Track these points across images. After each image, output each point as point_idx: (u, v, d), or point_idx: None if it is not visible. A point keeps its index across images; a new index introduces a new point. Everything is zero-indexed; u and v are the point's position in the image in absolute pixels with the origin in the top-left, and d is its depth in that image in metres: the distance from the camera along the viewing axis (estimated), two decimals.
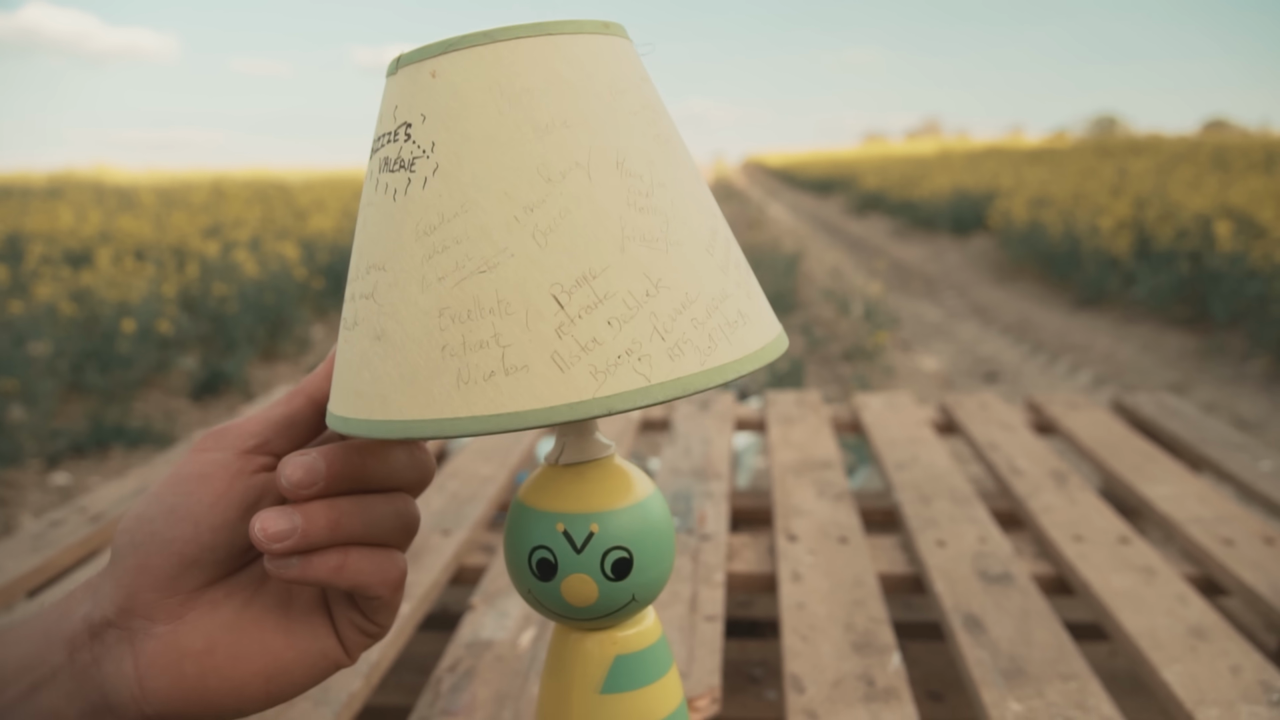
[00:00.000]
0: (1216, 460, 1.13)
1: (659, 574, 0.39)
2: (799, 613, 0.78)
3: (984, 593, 0.80)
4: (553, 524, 0.38)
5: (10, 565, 0.92)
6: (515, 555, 0.39)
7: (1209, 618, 0.74)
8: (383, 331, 0.34)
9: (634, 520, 0.38)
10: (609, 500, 0.39)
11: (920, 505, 1.00)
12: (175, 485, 0.35)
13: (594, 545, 0.38)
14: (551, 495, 0.39)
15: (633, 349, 0.33)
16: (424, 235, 0.34)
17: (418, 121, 0.35)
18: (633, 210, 0.35)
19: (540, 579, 0.38)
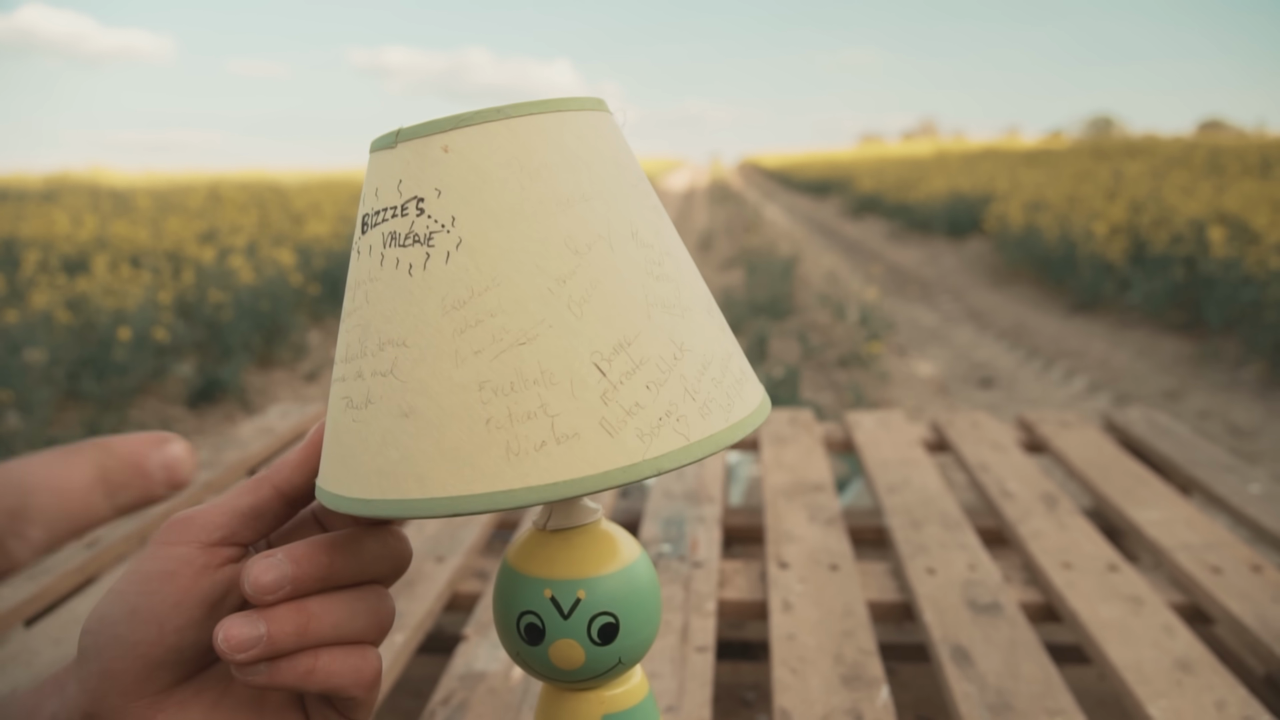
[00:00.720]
0: (1206, 482, 1.14)
1: (645, 637, 0.40)
2: (789, 644, 0.79)
3: (972, 623, 0.81)
4: (540, 590, 0.39)
5: (6, 593, 0.92)
6: (504, 619, 0.40)
7: (1195, 650, 0.75)
8: (411, 408, 0.34)
9: (620, 585, 0.39)
10: (596, 566, 0.39)
11: (911, 530, 1.01)
12: (138, 583, 0.33)
13: (581, 611, 0.38)
14: (539, 561, 0.40)
15: (670, 410, 0.34)
16: (453, 310, 0.34)
17: (432, 196, 0.35)
18: (651, 279, 0.36)
19: (528, 643, 0.39)
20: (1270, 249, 4.54)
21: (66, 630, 0.85)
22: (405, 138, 0.36)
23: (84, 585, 1.01)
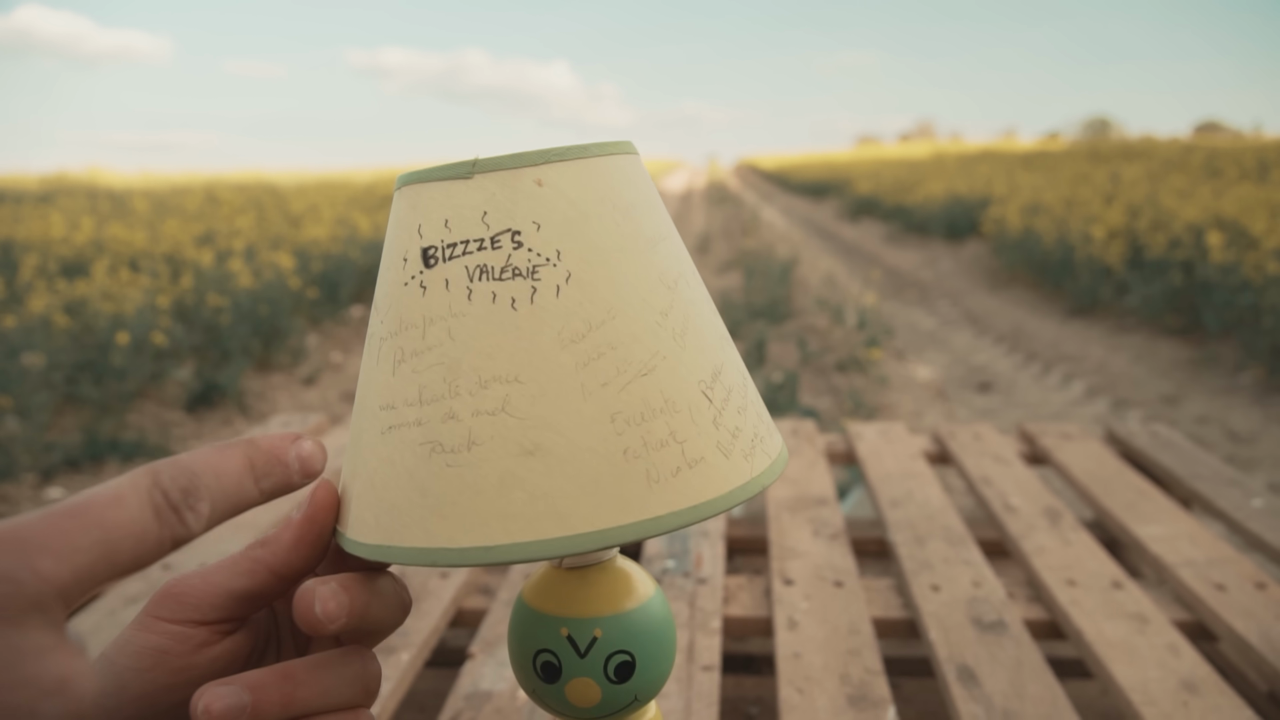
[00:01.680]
0: (1208, 496, 1.14)
1: (661, 674, 0.40)
2: (795, 663, 0.79)
3: (978, 642, 0.81)
4: (557, 628, 0.39)
5: None
6: (520, 656, 0.40)
7: (1200, 670, 0.75)
8: (536, 445, 0.33)
9: (637, 623, 0.39)
10: (612, 604, 0.39)
11: (915, 546, 1.01)
12: (131, 656, 0.33)
13: (597, 650, 0.38)
14: (556, 599, 0.40)
15: (757, 431, 0.37)
16: (571, 344, 0.34)
17: (530, 229, 0.35)
18: (712, 312, 0.39)
19: (544, 680, 0.39)
20: (1268, 254, 4.55)
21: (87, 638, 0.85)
22: (484, 169, 0.36)
23: (89, 601, 1.01)
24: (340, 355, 5.18)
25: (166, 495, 0.28)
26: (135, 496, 0.27)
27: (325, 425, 1.55)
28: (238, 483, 0.31)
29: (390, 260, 0.37)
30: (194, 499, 0.29)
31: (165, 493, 0.28)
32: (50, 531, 0.26)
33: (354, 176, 24.72)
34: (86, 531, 0.26)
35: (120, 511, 0.27)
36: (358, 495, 0.36)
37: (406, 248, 0.36)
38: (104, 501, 0.27)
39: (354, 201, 9.57)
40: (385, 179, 20.24)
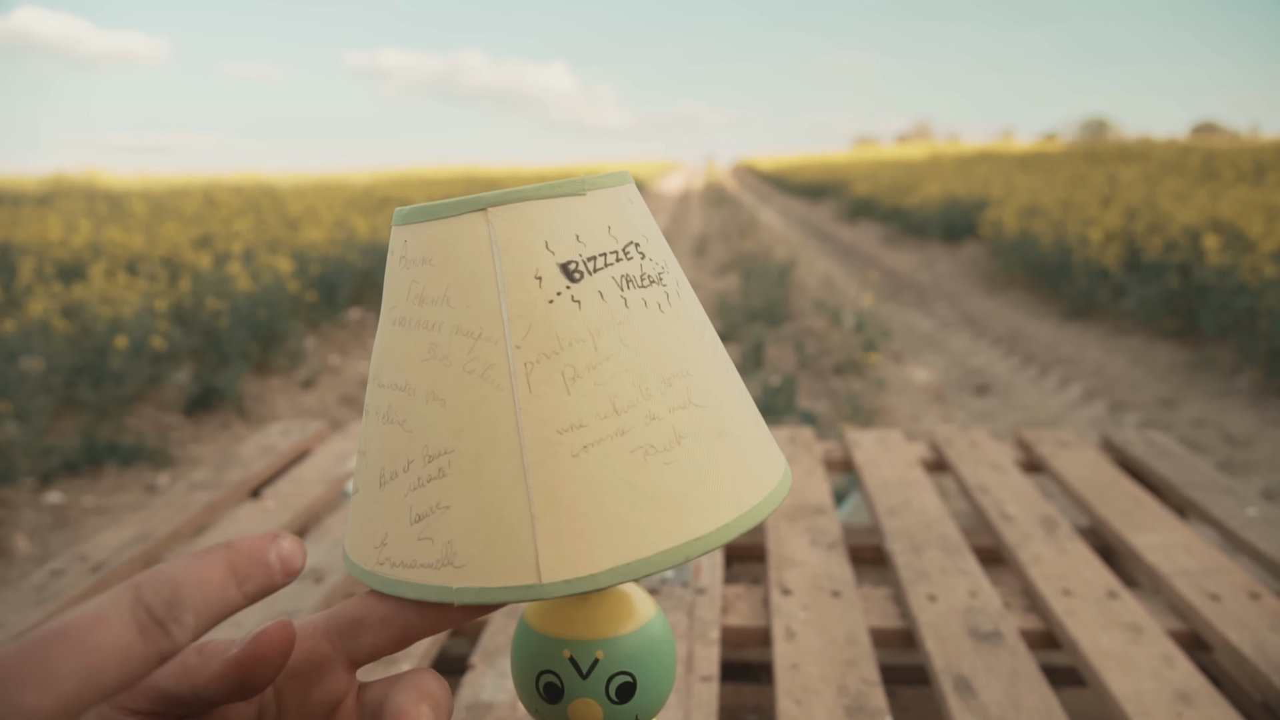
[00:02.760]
0: (1203, 505, 1.15)
1: (661, 694, 0.41)
2: (793, 674, 0.79)
3: (974, 652, 0.82)
4: (559, 650, 0.40)
5: (14, 619, 0.93)
6: (522, 677, 0.41)
7: (1195, 681, 0.76)
8: (723, 428, 0.37)
9: (637, 645, 0.40)
10: (613, 626, 0.40)
11: (912, 555, 1.02)
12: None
13: (599, 671, 0.39)
14: (558, 620, 0.40)
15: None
16: (702, 336, 0.39)
17: (642, 240, 0.38)
18: None
19: (547, 701, 0.40)
20: (1264, 257, 4.56)
21: None
22: (593, 186, 0.38)
23: None
24: (339, 358, 5.18)
25: (150, 610, 0.28)
26: (118, 615, 0.27)
27: (326, 432, 1.56)
28: (220, 589, 0.30)
29: (511, 281, 0.36)
30: (178, 611, 0.28)
31: (148, 608, 0.28)
32: (30, 662, 0.25)
33: (352, 178, 24.70)
34: (68, 658, 0.25)
35: (103, 633, 0.26)
36: (552, 532, 0.34)
37: (536, 266, 0.36)
38: (85, 624, 0.26)
39: (352, 204, 9.57)
40: (383, 180, 20.23)
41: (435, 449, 0.35)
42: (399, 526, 0.36)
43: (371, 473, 0.37)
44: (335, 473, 1.34)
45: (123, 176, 28.04)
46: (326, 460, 1.39)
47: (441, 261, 0.37)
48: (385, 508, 0.36)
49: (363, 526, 0.37)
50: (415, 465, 0.35)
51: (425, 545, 0.35)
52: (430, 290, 0.37)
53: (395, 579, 0.35)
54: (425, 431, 0.35)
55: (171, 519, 1.18)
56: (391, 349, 0.38)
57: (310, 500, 1.24)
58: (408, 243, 0.38)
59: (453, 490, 0.35)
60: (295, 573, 0.34)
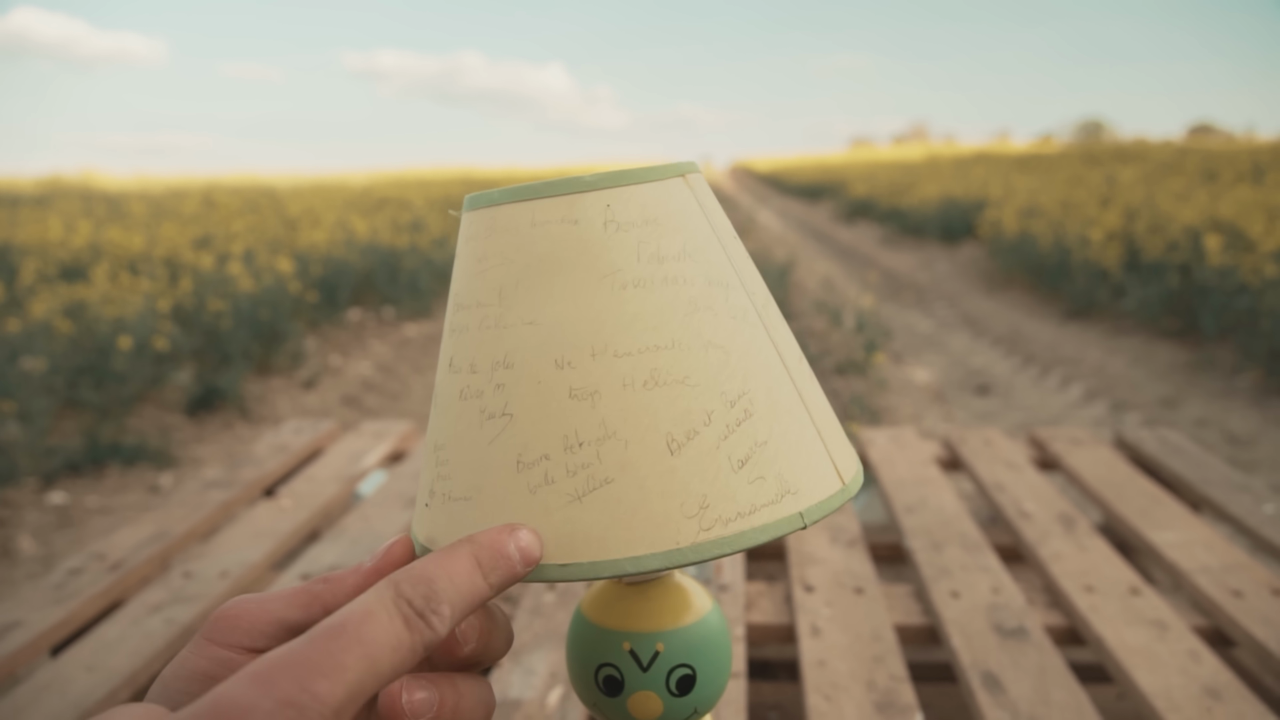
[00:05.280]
0: (1220, 502, 1.15)
1: (720, 685, 0.41)
2: (820, 670, 0.79)
3: (1000, 648, 0.82)
4: (619, 643, 0.39)
5: (35, 618, 0.92)
6: (580, 671, 0.40)
7: (1222, 676, 0.76)
8: None
9: (697, 637, 0.40)
10: (673, 619, 0.40)
11: (932, 552, 1.02)
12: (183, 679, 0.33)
13: (660, 664, 0.39)
14: (618, 614, 0.40)
15: None
16: None
17: None
18: None
19: (607, 695, 0.39)
20: (1265, 257, 4.57)
21: (98, 657, 0.85)
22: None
23: (110, 609, 1.01)
24: (339, 359, 5.18)
25: (411, 604, 0.30)
26: (384, 610, 0.29)
27: (337, 431, 1.56)
28: (469, 581, 0.33)
29: (724, 236, 0.39)
30: (435, 603, 0.31)
31: (409, 601, 0.30)
32: (319, 654, 0.27)
33: (349, 179, 24.67)
34: (349, 649, 0.28)
35: (374, 626, 0.29)
36: (834, 442, 0.38)
37: (725, 223, 0.41)
38: (358, 619, 0.29)
39: (351, 205, 9.56)
40: (381, 181, 20.20)
41: (733, 393, 0.36)
42: (721, 480, 0.34)
43: (640, 449, 0.35)
44: (349, 471, 1.34)
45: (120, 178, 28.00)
46: (340, 459, 1.39)
47: (667, 220, 0.37)
48: (692, 470, 0.34)
49: (655, 504, 0.34)
50: (718, 415, 0.35)
51: (759, 485, 0.35)
52: (666, 248, 0.37)
53: (732, 534, 0.34)
54: (715, 380, 0.35)
55: (187, 518, 1.18)
56: (638, 315, 0.36)
57: (326, 499, 1.24)
58: (612, 206, 0.37)
59: (763, 426, 0.36)
60: (534, 562, 0.35)
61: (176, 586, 0.99)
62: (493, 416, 0.35)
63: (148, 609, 0.94)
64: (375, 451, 1.41)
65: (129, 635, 0.89)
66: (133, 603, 0.96)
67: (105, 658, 0.85)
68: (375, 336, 5.75)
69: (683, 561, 0.33)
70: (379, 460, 1.41)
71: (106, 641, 0.88)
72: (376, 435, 1.49)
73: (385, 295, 6.34)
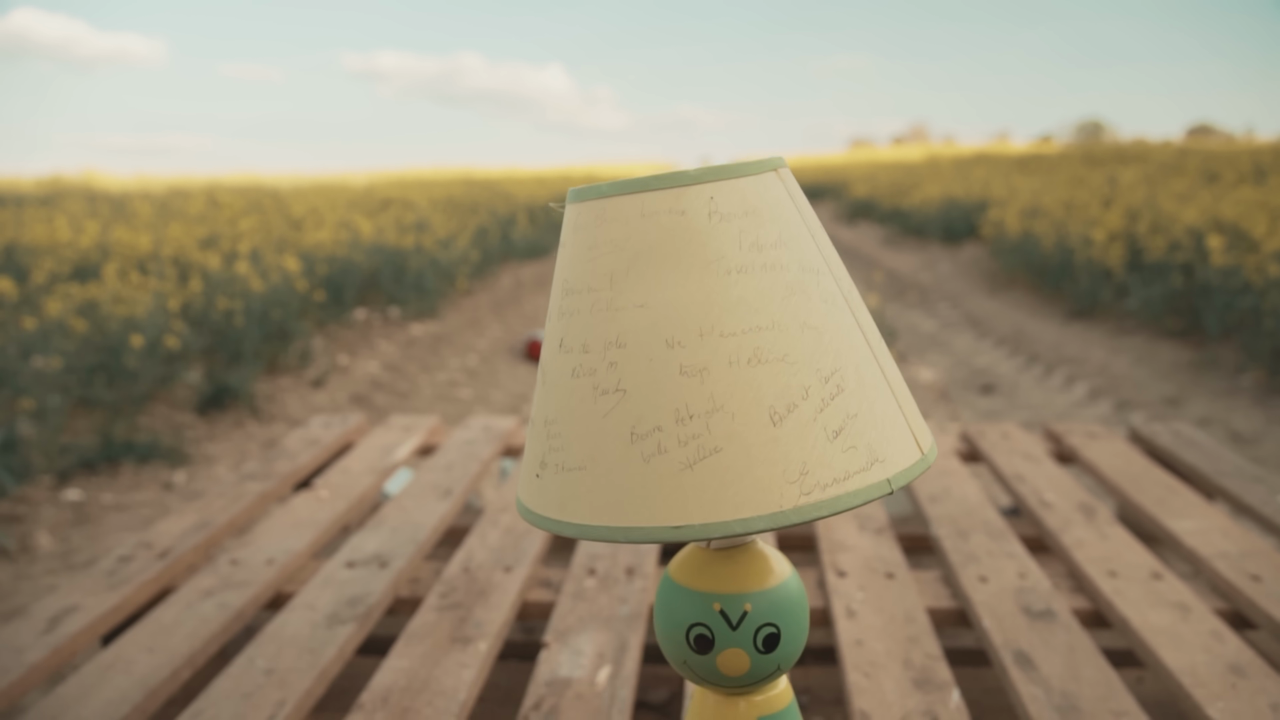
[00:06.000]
0: (1235, 492, 1.18)
1: (800, 644, 0.44)
2: (858, 649, 0.82)
3: (1030, 629, 0.85)
4: (709, 604, 0.43)
5: (91, 603, 0.95)
6: (671, 630, 0.44)
7: (1245, 655, 0.79)
8: None
9: (781, 599, 0.43)
10: (759, 581, 0.43)
11: (958, 540, 1.05)
12: None
13: (748, 623, 0.42)
14: (707, 577, 0.43)
15: None
16: None
17: None
18: None
19: (697, 652, 0.43)
20: (1268, 257, 4.60)
21: (157, 639, 0.88)
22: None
23: (160, 595, 1.04)
24: (347, 358, 5.20)
25: None
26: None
27: (365, 425, 1.59)
28: None
29: (813, 226, 0.43)
30: None
31: None
32: None
33: (350, 179, 24.68)
34: None
35: None
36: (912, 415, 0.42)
37: (813, 213, 0.45)
38: None
39: (354, 205, 9.59)
40: (381, 182, 20.23)
41: (827, 370, 0.39)
42: (818, 449, 0.38)
43: (745, 421, 0.38)
44: (382, 464, 1.37)
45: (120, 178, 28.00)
46: (372, 451, 1.42)
47: (764, 211, 0.41)
48: (793, 440, 0.38)
49: (760, 471, 0.38)
50: (814, 390, 0.39)
51: (851, 454, 0.38)
52: (764, 237, 0.40)
53: (830, 498, 0.37)
54: (811, 358, 0.39)
55: (228, 508, 1.21)
56: (743, 298, 0.39)
57: (363, 490, 1.27)
58: (715, 199, 0.40)
59: (854, 400, 0.39)
60: None
61: (225, 573, 1.02)
62: (606, 392, 0.38)
63: (200, 594, 0.97)
64: (406, 445, 1.44)
65: (185, 619, 0.92)
66: (185, 588, 0.99)
67: (164, 640, 0.88)
68: (382, 336, 5.77)
69: (785, 524, 0.36)
70: (410, 453, 1.44)
71: (164, 625, 0.91)
72: (405, 429, 1.52)
73: (391, 295, 6.37)
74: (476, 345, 5.68)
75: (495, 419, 1.57)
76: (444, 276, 6.77)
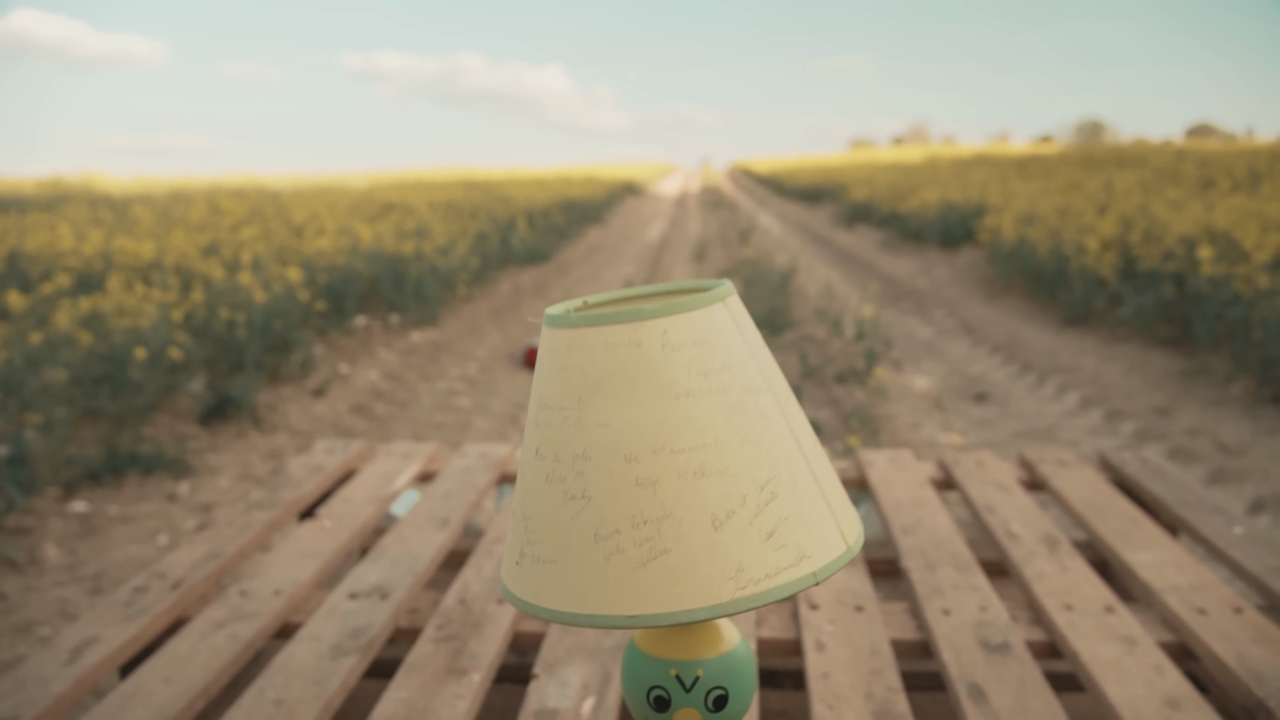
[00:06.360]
0: (1193, 523, 1.24)
1: (747, 703, 0.50)
2: (825, 682, 0.89)
3: (985, 662, 0.91)
4: (666, 669, 0.49)
5: (110, 634, 1.02)
6: (634, 691, 0.50)
7: (1183, 688, 0.85)
8: None
9: (730, 664, 0.50)
10: (710, 649, 0.50)
11: (926, 572, 1.11)
12: None
13: (700, 686, 0.48)
14: (665, 645, 0.50)
15: None
16: None
17: None
18: None
19: (656, 711, 0.49)
20: (1258, 268, 4.66)
21: (174, 670, 0.95)
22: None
23: (174, 626, 1.11)
24: (347, 367, 5.27)
25: None
26: None
27: (368, 451, 1.65)
28: None
29: (755, 348, 0.50)
30: None
31: None
32: None
33: (350, 180, 24.78)
34: None
35: None
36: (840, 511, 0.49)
37: (756, 337, 0.51)
38: None
39: (355, 210, 9.65)
40: (382, 183, 20.31)
41: (762, 479, 0.46)
42: (753, 549, 0.44)
43: (690, 526, 0.44)
44: (382, 492, 1.43)
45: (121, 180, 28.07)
46: (374, 480, 1.48)
47: (711, 340, 0.47)
48: (731, 542, 0.44)
49: (702, 570, 0.44)
50: (751, 498, 0.45)
51: (782, 552, 0.45)
52: (710, 363, 0.47)
53: (761, 591, 0.44)
54: (749, 470, 0.45)
55: (236, 538, 1.27)
56: (690, 419, 0.46)
57: (364, 520, 1.33)
58: (667, 332, 0.46)
59: (785, 504, 0.46)
60: None
61: (235, 604, 1.09)
62: (574, 498, 0.45)
63: (212, 625, 1.04)
64: (405, 473, 1.51)
65: (199, 650, 0.98)
66: (198, 619, 1.05)
67: (180, 671, 0.94)
68: (382, 344, 5.83)
69: (723, 614, 0.43)
70: (409, 481, 1.50)
71: (179, 656, 0.97)
72: (405, 456, 1.58)
73: (391, 302, 6.43)
74: (476, 353, 5.75)
75: (491, 446, 1.63)
76: (444, 283, 6.83)
